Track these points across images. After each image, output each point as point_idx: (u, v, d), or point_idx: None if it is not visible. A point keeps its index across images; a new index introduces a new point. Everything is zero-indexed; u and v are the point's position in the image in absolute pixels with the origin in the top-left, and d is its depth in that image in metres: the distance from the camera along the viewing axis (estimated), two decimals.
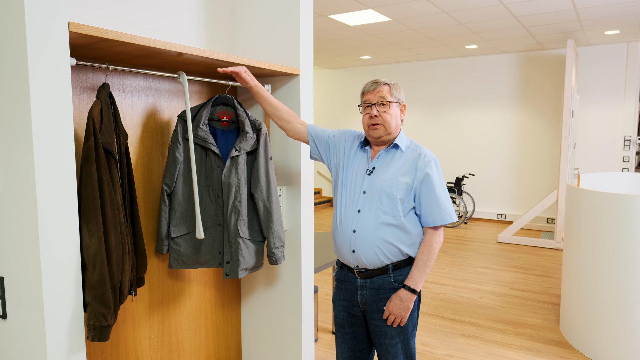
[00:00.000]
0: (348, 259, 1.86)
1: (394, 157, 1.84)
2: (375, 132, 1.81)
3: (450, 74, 7.97)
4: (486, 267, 5.16)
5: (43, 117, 1.34)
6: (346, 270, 1.92)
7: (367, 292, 1.86)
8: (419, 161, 1.81)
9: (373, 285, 1.84)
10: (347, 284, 1.92)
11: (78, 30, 1.38)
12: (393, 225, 1.78)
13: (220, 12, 2.46)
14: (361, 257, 1.81)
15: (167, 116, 2.21)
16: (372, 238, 1.78)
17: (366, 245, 1.79)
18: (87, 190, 1.47)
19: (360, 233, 1.79)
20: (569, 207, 3.36)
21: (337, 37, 6.16)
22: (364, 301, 1.87)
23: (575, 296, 3.23)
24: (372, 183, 1.80)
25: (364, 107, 1.85)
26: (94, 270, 1.47)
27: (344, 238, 1.84)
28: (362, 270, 1.85)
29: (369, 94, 1.83)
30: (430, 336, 3.39)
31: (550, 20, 5.28)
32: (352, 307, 1.91)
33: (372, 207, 1.78)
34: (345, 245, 1.84)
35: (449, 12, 4.93)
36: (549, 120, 7.22)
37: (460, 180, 7.55)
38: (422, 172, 1.79)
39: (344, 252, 1.86)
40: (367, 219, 1.78)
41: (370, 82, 1.84)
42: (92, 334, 1.48)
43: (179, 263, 2.12)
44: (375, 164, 1.84)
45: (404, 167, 1.81)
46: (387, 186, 1.78)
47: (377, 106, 1.80)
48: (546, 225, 7.18)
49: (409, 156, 1.83)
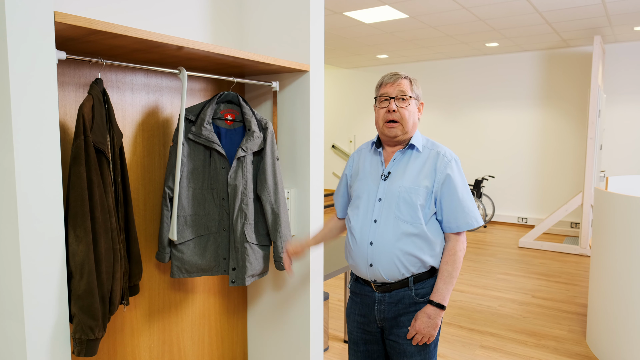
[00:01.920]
0: (364, 273, 1.68)
1: (410, 158, 1.67)
2: (392, 131, 1.64)
3: (469, 73, 7.75)
4: (506, 274, 4.96)
5: (25, 114, 1.23)
6: (362, 283, 1.75)
7: (386, 307, 1.68)
8: (438, 161, 1.64)
9: (392, 300, 1.67)
10: (364, 297, 1.75)
11: (65, 20, 1.27)
12: (414, 235, 1.60)
13: (227, 8, 2.35)
14: (380, 271, 1.63)
15: (169, 115, 2.11)
16: (391, 250, 1.60)
17: (385, 258, 1.61)
18: (76, 193, 1.37)
19: (378, 245, 1.62)
20: (597, 211, 3.16)
21: (352, 35, 6.02)
22: (382, 317, 1.70)
23: (603, 306, 3.02)
24: (389, 189, 1.64)
25: (380, 100, 1.67)
26: (81, 278, 1.36)
27: (359, 251, 1.66)
28: (380, 284, 1.68)
29: (387, 87, 1.65)
30: (447, 347, 3.22)
31: (576, 15, 5.05)
32: (368, 323, 1.74)
33: (390, 216, 1.61)
34: (361, 259, 1.67)
35: (468, 7, 4.75)
36: (573, 120, 6.95)
37: (479, 182, 7.33)
38: (442, 174, 1.62)
39: (360, 266, 1.68)
40: (384, 229, 1.62)
41: (390, 74, 1.67)
42: (78, 348, 1.38)
43: (181, 271, 2.01)
44: (390, 167, 1.67)
45: (422, 169, 1.64)
46: (405, 192, 1.61)
47: (395, 100, 1.63)
48: (570, 229, 6.91)
49: (426, 156, 1.67)
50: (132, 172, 1.98)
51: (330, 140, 9.44)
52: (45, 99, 1.27)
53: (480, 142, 7.76)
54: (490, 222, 7.66)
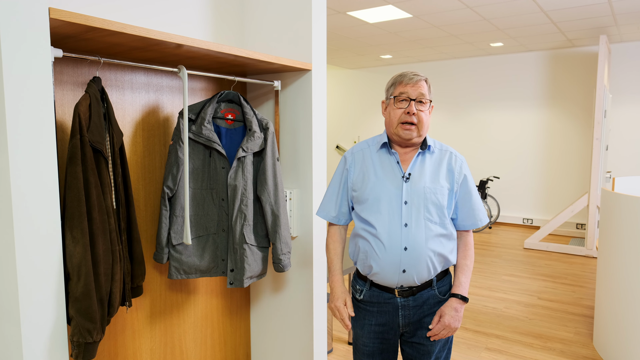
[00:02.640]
0: (392, 280, 1.60)
1: (426, 159, 1.64)
2: (408, 134, 1.58)
3: (474, 73, 7.70)
4: (512, 275, 4.90)
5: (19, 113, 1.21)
6: (379, 291, 1.65)
7: (411, 312, 1.64)
8: (453, 162, 1.65)
9: (417, 303, 1.63)
10: (382, 305, 1.65)
11: (60, 17, 1.25)
12: (442, 236, 1.60)
13: (229, 6, 2.32)
14: (413, 277, 1.58)
15: (170, 114, 2.09)
16: (424, 253, 1.57)
17: (419, 263, 1.57)
18: (72, 193, 1.34)
19: (412, 250, 1.56)
20: (604, 212, 3.11)
21: (356, 35, 5.99)
22: (407, 322, 1.65)
23: (610, 308, 2.97)
24: (413, 191, 1.58)
25: (398, 100, 1.58)
26: (78, 280, 1.34)
27: (390, 258, 1.57)
28: (406, 289, 1.62)
29: (408, 87, 1.57)
30: (453, 349, 3.18)
31: (582, 15, 5.00)
32: (388, 332, 1.67)
33: (420, 218, 1.57)
34: (392, 266, 1.58)
35: (473, 7, 4.71)
36: (579, 120, 6.88)
37: (484, 183, 7.27)
38: (460, 175, 1.65)
39: (389, 272, 1.59)
40: (416, 232, 1.56)
41: (411, 73, 1.58)
42: (76, 351, 1.35)
43: (179, 272, 1.98)
44: (411, 169, 1.61)
45: (439, 170, 1.63)
46: (431, 193, 1.58)
47: (415, 103, 1.57)
48: (576, 231, 6.84)
49: (440, 157, 1.65)
50: (133, 172, 1.96)
51: (335, 141, 9.41)
52: (41, 97, 1.25)
53: (485, 142, 7.70)
54: (496, 223, 7.60)
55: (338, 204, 1.74)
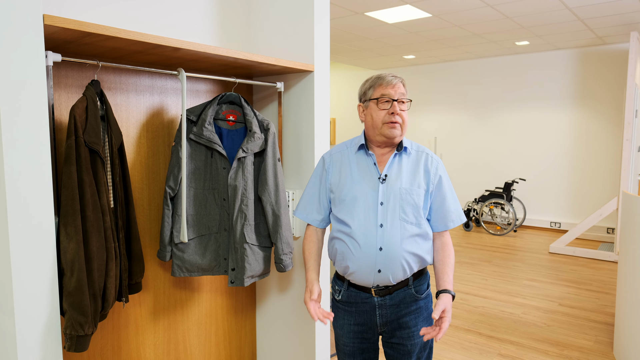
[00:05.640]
0: (368, 280, 1.62)
1: (402, 160, 1.66)
2: (393, 132, 1.60)
3: (500, 73, 7.53)
4: (534, 280, 4.77)
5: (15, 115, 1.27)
6: (356, 291, 1.68)
7: (388, 311, 1.66)
8: (428, 163, 1.66)
9: (394, 302, 1.65)
10: (360, 305, 1.68)
11: (54, 23, 1.31)
12: (418, 235, 1.62)
13: (235, 7, 2.36)
14: (389, 276, 1.60)
15: (174, 115, 2.14)
16: (399, 253, 1.59)
17: (394, 262, 1.59)
18: (67, 192, 1.40)
19: (387, 250, 1.58)
20: (625, 217, 2.99)
21: (377, 36, 5.96)
22: (385, 321, 1.67)
23: (631, 316, 2.85)
24: (389, 192, 1.61)
25: (381, 101, 1.61)
26: (71, 275, 1.39)
27: (365, 258, 1.59)
28: (382, 288, 1.64)
29: (388, 88, 1.61)
30: (464, 354, 3.12)
31: (610, 11, 4.82)
32: (366, 331, 1.70)
33: (395, 219, 1.59)
34: (367, 266, 1.60)
35: (493, 5, 4.61)
36: (610, 121, 6.63)
37: (509, 185, 7.10)
38: (435, 176, 1.66)
39: (365, 272, 1.61)
40: (392, 233, 1.59)
41: (390, 75, 1.63)
42: (69, 343, 1.41)
43: (182, 270, 2.03)
44: (387, 170, 1.64)
45: (416, 170, 1.65)
46: (407, 193, 1.61)
47: (397, 103, 1.61)
48: (606, 235, 6.59)
49: (416, 158, 1.67)
50: (137, 172, 2.02)
51: None
52: (36, 100, 1.31)
53: (511, 143, 7.52)
54: (522, 226, 7.41)
55: (322, 207, 1.73)
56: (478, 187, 7.89)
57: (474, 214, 7.35)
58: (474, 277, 4.87)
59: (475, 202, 7.32)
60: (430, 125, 8.36)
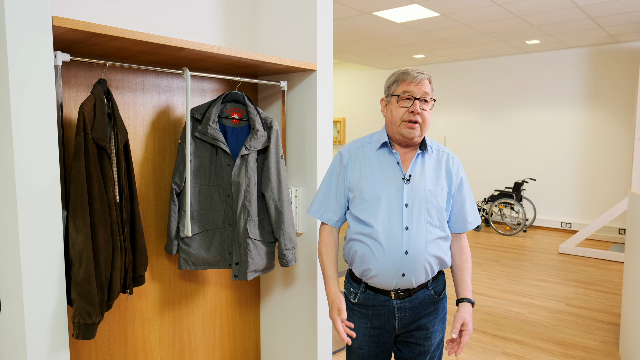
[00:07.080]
0: (390, 283, 1.57)
1: (425, 160, 1.62)
2: (412, 132, 1.54)
3: (510, 72, 7.49)
4: (542, 280, 4.75)
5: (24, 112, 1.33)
6: (374, 293, 1.62)
7: (407, 313, 1.62)
8: (450, 164, 1.63)
9: (413, 304, 1.61)
10: (378, 308, 1.62)
11: (62, 24, 1.36)
12: (441, 238, 1.59)
13: (241, 7, 2.41)
14: (412, 280, 1.56)
15: (181, 114, 2.19)
16: (424, 257, 1.55)
17: (418, 266, 1.55)
18: (75, 186, 1.46)
19: (413, 254, 1.53)
20: (631, 217, 2.98)
21: (386, 35, 5.98)
22: (404, 323, 1.63)
23: (636, 316, 2.84)
24: (414, 193, 1.55)
25: (402, 98, 1.53)
26: (80, 266, 1.45)
27: (389, 261, 1.53)
28: (402, 291, 1.60)
29: (412, 85, 1.53)
30: (467, 352, 3.14)
31: (621, 9, 4.77)
32: (383, 334, 1.65)
33: (421, 222, 1.54)
34: (390, 269, 1.54)
35: (501, 4, 4.61)
36: (621, 120, 6.55)
37: (519, 185, 7.06)
38: (457, 177, 1.63)
39: (388, 275, 1.55)
40: (417, 236, 1.54)
41: (415, 72, 1.54)
42: (77, 331, 1.47)
43: (188, 264, 2.09)
44: (411, 170, 1.58)
45: (438, 171, 1.61)
46: (432, 195, 1.56)
47: (419, 102, 1.53)
48: (618, 236, 6.52)
49: (437, 158, 1.63)
50: (144, 169, 2.07)
51: None
52: (44, 99, 1.37)
53: (521, 143, 7.48)
54: (531, 226, 7.36)
55: (339, 206, 1.66)
56: (488, 187, 7.86)
57: (484, 214, 7.32)
58: (482, 277, 4.86)
59: (485, 202, 7.30)
60: (440, 125, 8.34)
